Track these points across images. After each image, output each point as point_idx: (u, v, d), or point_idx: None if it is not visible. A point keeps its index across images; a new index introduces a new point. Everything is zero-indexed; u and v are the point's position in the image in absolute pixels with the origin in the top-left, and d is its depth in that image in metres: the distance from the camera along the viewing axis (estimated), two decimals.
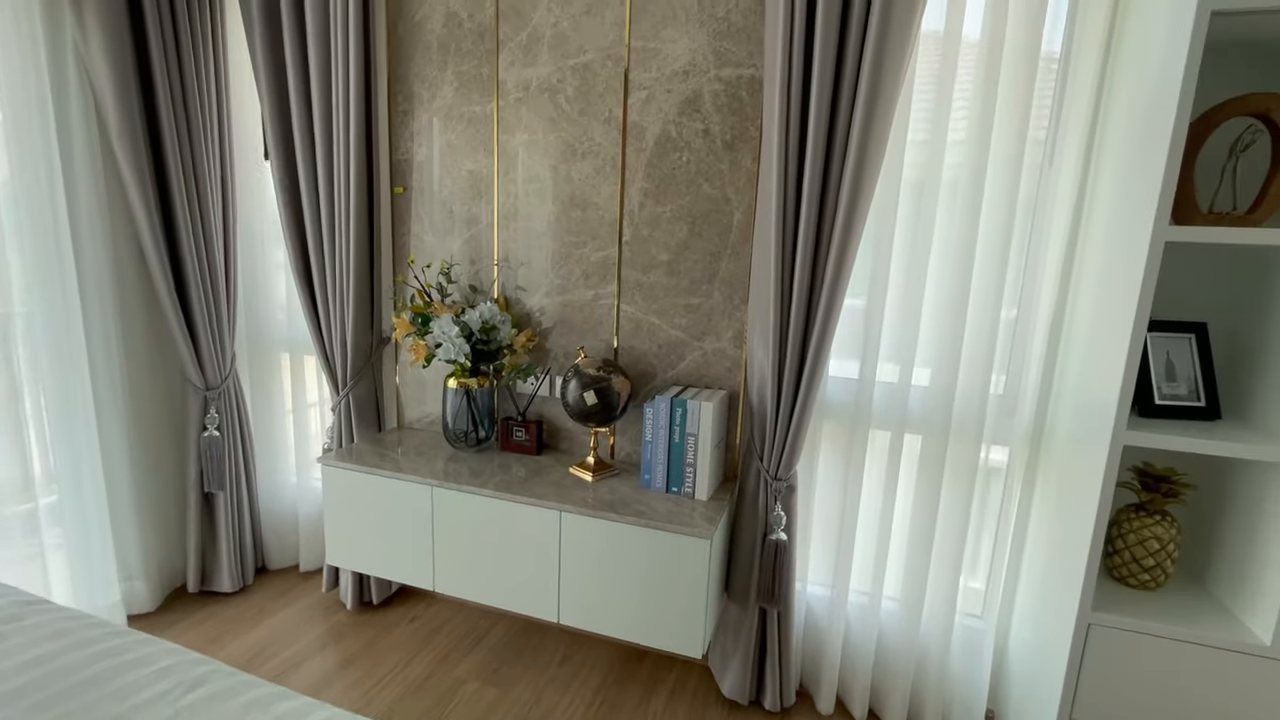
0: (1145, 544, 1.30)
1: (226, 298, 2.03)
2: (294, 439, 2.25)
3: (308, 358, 2.21)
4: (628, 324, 1.77)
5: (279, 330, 2.20)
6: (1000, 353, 1.51)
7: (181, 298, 1.94)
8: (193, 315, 1.95)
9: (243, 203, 2.09)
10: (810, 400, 1.50)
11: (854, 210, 1.37)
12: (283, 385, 2.24)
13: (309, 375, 2.23)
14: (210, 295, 1.97)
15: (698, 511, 1.53)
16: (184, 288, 1.94)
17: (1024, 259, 1.49)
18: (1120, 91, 1.31)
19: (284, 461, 2.27)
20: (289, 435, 2.26)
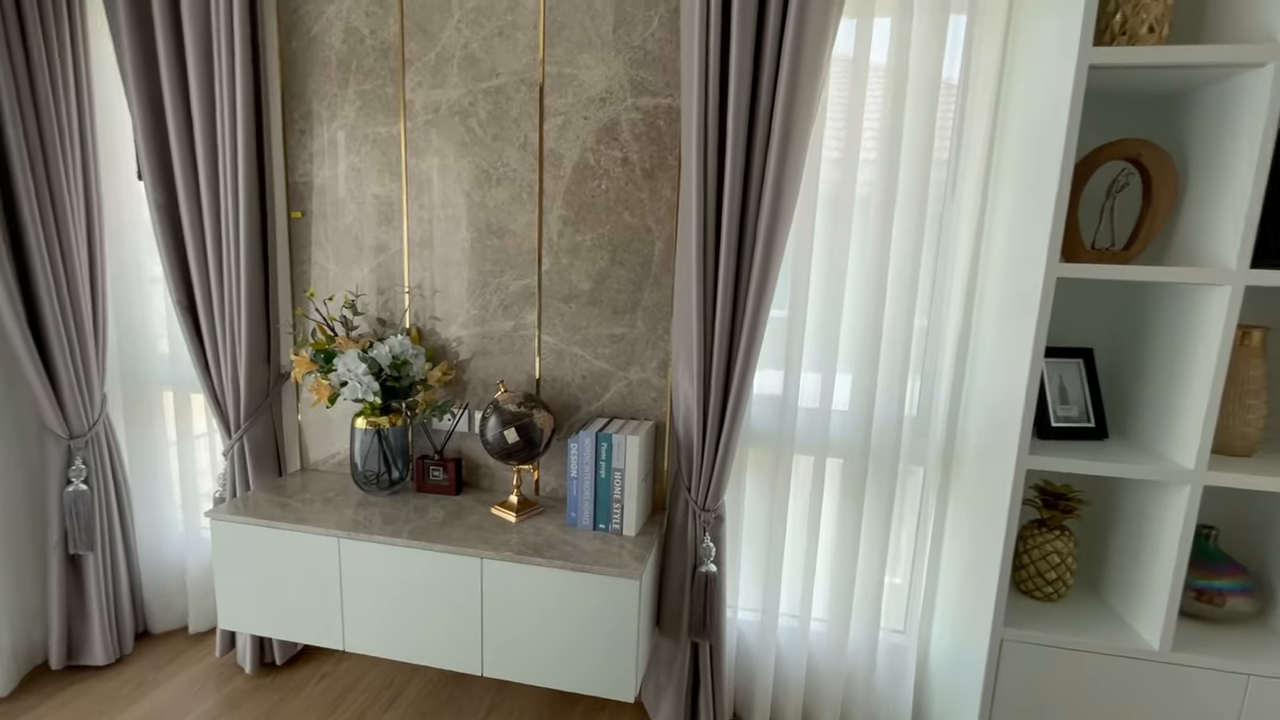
0: (1048, 558, 1.37)
1: (94, 334, 1.80)
2: (180, 487, 2.03)
3: (195, 396, 2.00)
4: (550, 355, 1.72)
5: (160, 367, 1.98)
6: (914, 367, 1.57)
7: (37, 336, 1.71)
8: (51, 355, 1.72)
9: (114, 227, 1.87)
10: (735, 430, 1.50)
11: (772, 240, 1.39)
12: (165, 428, 2.02)
13: (196, 415, 2.02)
14: (72, 332, 1.74)
15: (626, 549, 1.49)
16: (39, 324, 1.70)
17: (933, 272, 1.54)
18: (1012, 121, 1.39)
19: (168, 513, 2.04)
20: (174, 483, 2.03)
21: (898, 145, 1.47)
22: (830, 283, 1.57)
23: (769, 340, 1.59)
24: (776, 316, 1.58)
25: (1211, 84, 1.20)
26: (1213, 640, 1.26)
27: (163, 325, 1.97)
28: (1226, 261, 1.12)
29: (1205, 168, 1.20)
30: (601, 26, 1.55)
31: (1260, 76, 1.07)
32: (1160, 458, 1.25)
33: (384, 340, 1.67)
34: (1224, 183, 1.14)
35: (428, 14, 1.63)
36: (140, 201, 1.89)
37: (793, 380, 1.61)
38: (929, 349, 1.58)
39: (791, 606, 1.74)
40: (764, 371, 1.64)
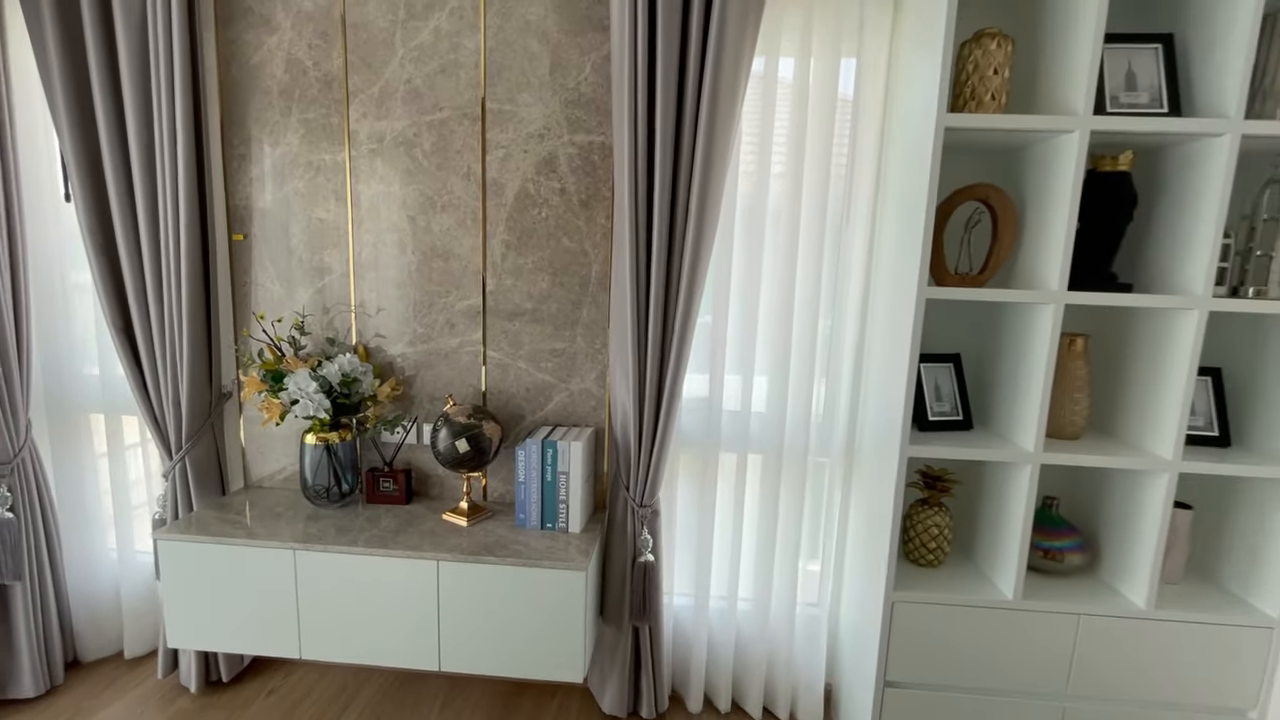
0: (929, 531, 1.64)
1: (18, 358, 1.77)
2: (113, 511, 1.99)
3: (127, 418, 1.98)
4: (495, 369, 1.84)
5: (89, 390, 1.95)
6: (819, 371, 1.81)
7: None
8: None
9: (38, 249, 1.84)
10: (668, 433, 1.68)
11: (696, 263, 1.58)
12: (94, 452, 1.98)
13: (129, 437, 2.00)
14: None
15: (572, 545, 1.64)
16: None
17: (834, 286, 1.78)
18: (894, 152, 1.65)
19: (100, 538, 2.00)
20: (105, 507, 2.00)
21: (801, 159, 1.69)
22: (747, 292, 1.78)
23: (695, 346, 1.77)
24: (702, 322, 1.76)
25: (1038, 143, 1.49)
26: (1054, 589, 1.56)
27: (92, 347, 1.94)
28: (1051, 284, 1.41)
29: (1038, 208, 1.49)
30: (539, 69, 1.70)
31: (1070, 140, 1.37)
32: (1010, 443, 1.53)
33: (333, 359, 1.74)
34: (1050, 222, 1.43)
35: (371, 49, 1.72)
36: (66, 222, 1.87)
37: (717, 384, 1.81)
38: (832, 355, 1.83)
39: (721, 589, 1.94)
40: (692, 375, 1.83)
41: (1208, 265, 1.36)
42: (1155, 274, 1.51)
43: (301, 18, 1.72)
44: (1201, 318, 1.37)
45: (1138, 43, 1.44)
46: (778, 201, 1.74)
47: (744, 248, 1.78)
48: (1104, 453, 1.47)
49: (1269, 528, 1.49)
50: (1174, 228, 1.46)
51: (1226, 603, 1.53)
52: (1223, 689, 1.50)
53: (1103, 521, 1.64)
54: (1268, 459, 1.47)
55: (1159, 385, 1.47)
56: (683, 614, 1.96)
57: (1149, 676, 1.51)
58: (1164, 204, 1.49)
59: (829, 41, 1.65)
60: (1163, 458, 1.44)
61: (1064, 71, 1.42)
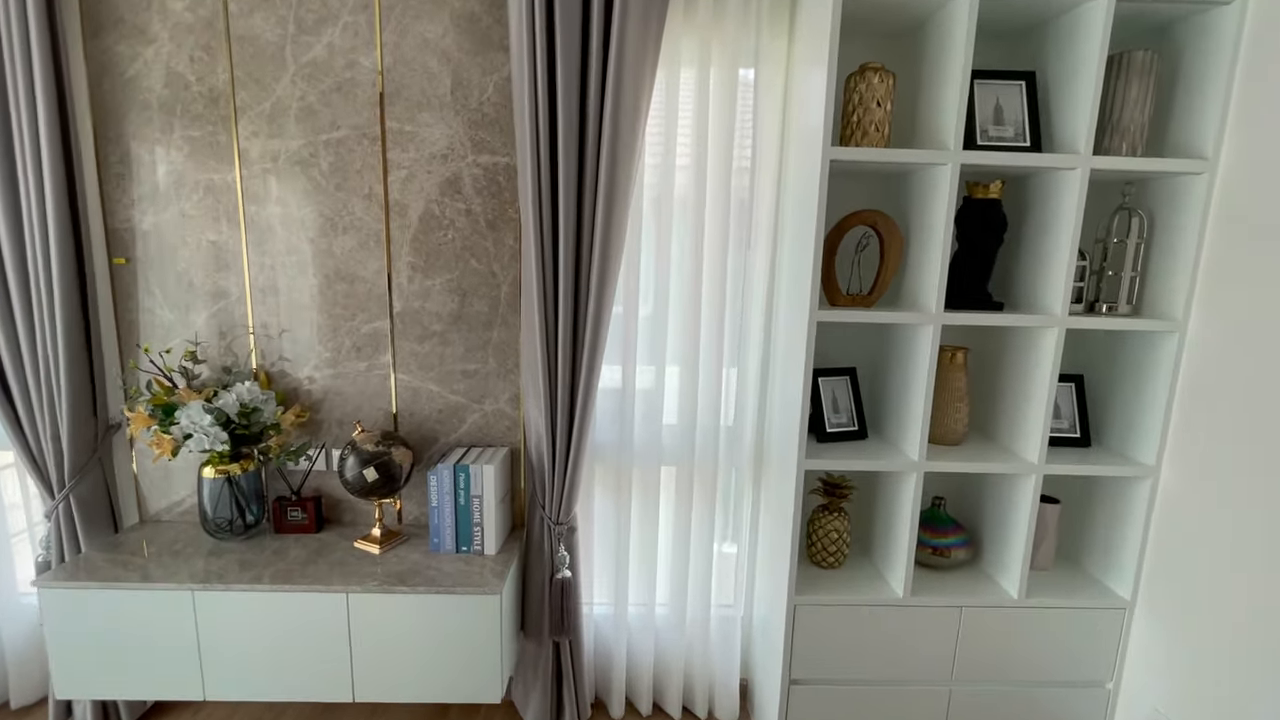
0: (829, 535, 1.74)
1: None
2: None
3: (1, 453, 1.84)
4: (406, 392, 1.82)
5: None
6: (727, 382, 1.87)
7: None
8: None
9: None
10: (582, 452, 1.71)
11: (603, 286, 1.60)
12: None
13: (5, 475, 1.86)
14: None
15: (488, 568, 1.65)
16: None
17: (739, 300, 1.84)
18: (790, 169, 1.72)
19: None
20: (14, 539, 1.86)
21: (704, 149, 1.71)
22: (658, 284, 1.81)
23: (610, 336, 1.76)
24: (615, 313, 1.74)
25: (916, 171, 1.59)
26: (940, 584, 1.69)
27: None
28: (930, 305, 1.51)
29: (919, 232, 1.59)
30: (439, 89, 1.67)
31: (944, 172, 1.46)
32: (899, 451, 1.64)
33: (230, 388, 1.68)
34: (929, 245, 1.54)
35: (259, 65, 1.65)
36: None
37: (629, 378, 1.84)
38: (741, 371, 1.90)
39: (639, 596, 1.99)
40: (605, 367, 1.85)
41: (1064, 285, 1.49)
42: (1022, 293, 1.64)
43: (181, 29, 1.63)
44: (1060, 334, 1.51)
45: (1004, 79, 1.55)
46: (683, 188, 1.76)
47: (651, 233, 1.78)
48: (981, 458, 1.60)
49: (1123, 518, 1.66)
50: (1037, 250, 1.59)
51: (1088, 586, 1.70)
52: (1084, 664, 1.67)
53: (984, 518, 1.78)
54: (1120, 458, 1.63)
55: (1027, 394, 1.61)
56: (603, 623, 2.01)
57: (1022, 658, 1.67)
58: (1029, 228, 1.62)
59: (728, 58, 1.68)
60: (1029, 461, 1.58)
61: (938, 106, 1.51)
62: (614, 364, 1.82)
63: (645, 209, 1.77)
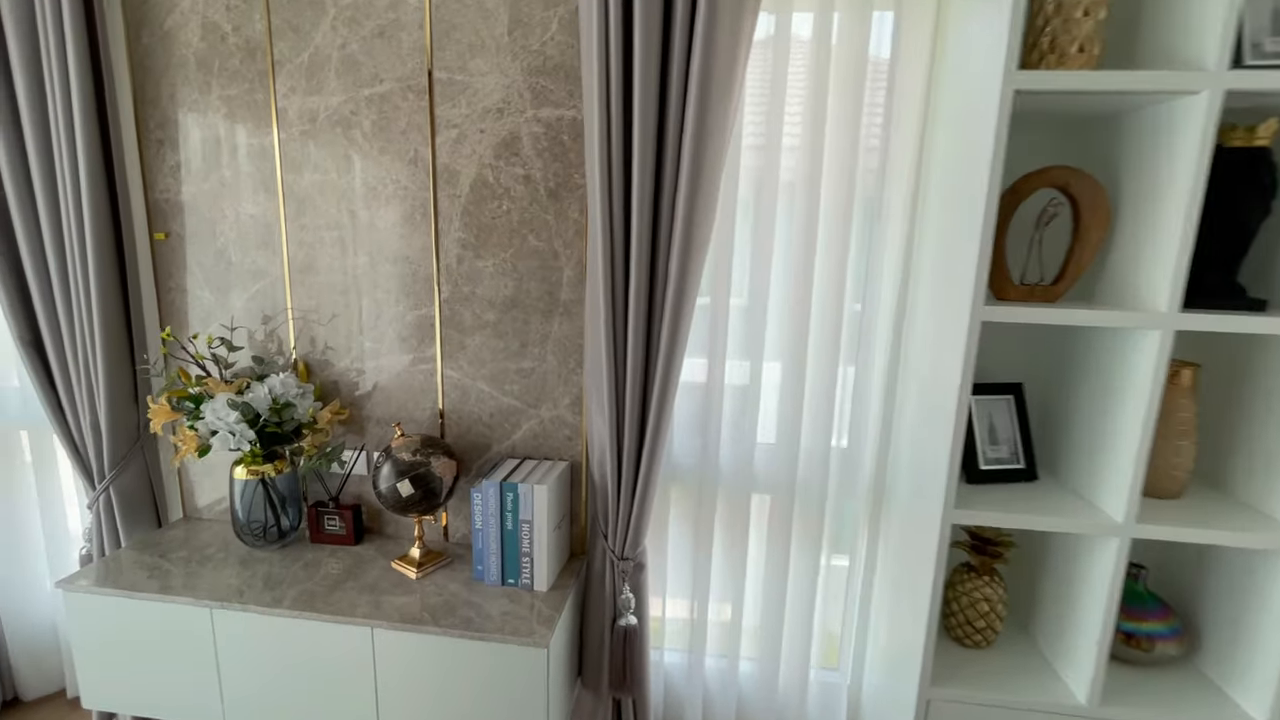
0: (976, 605, 1.31)
1: None
2: (44, 538, 1.81)
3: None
4: (454, 391, 1.56)
5: (11, 405, 1.75)
6: (843, 390, 1.47)
7: None
8: None
9: None
10: (653, 474, 1.38)
11: (687, 263, 1.26)
12: (24, 472, 1.79)
13: (62, 457, 1.80)
14: None
15: (536, 609, 1.37)
16: None
17: (863, 270, 1.44)
18: (941, 124, 1.29)
19: (32, 566, 1.82)
20: (35, 534, 1.81)
21: (822, 130, 1.35)
22: (755, 272, 1.45)
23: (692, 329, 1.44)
24: (700, 303, 1.43)
25: (1143, 108, 1.11)
26: (1141, 688, 1.22)
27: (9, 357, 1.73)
28: (1157, 303, 1.05)
29: (1138, 198, 1.12)
30: (495, 28, 1.38)
31: (1195, 104, 0.99)
32: (1090, 504, 1.18)
33: (264, 380, 1.49)
34: (1158, 216, 1.06)
35: (297, 9, 1.43)
36: None
37: (714, 400, 1.49)
38: (859, 378, 1.49)
39: (720, 646, 1.65)
40: (691, 360, 1.51)
41: None
42: None
43: None
44: None
45: None
46: (791, 171, 1.39)
47: (749, 221, 1.44)
48: (1216, 522, 1.11)
49: None
50: None
51: None
52: None
53: (1205, 600, 1.28)
54: None
55: None
56: (675, 672, 1.69)
57: None
58: None
59: None
60: None
61: (1184, 10, 1.03)
62: (698, 356, 1.47)
63: (741, 193, 1.41)
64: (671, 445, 1.55)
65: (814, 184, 1.38)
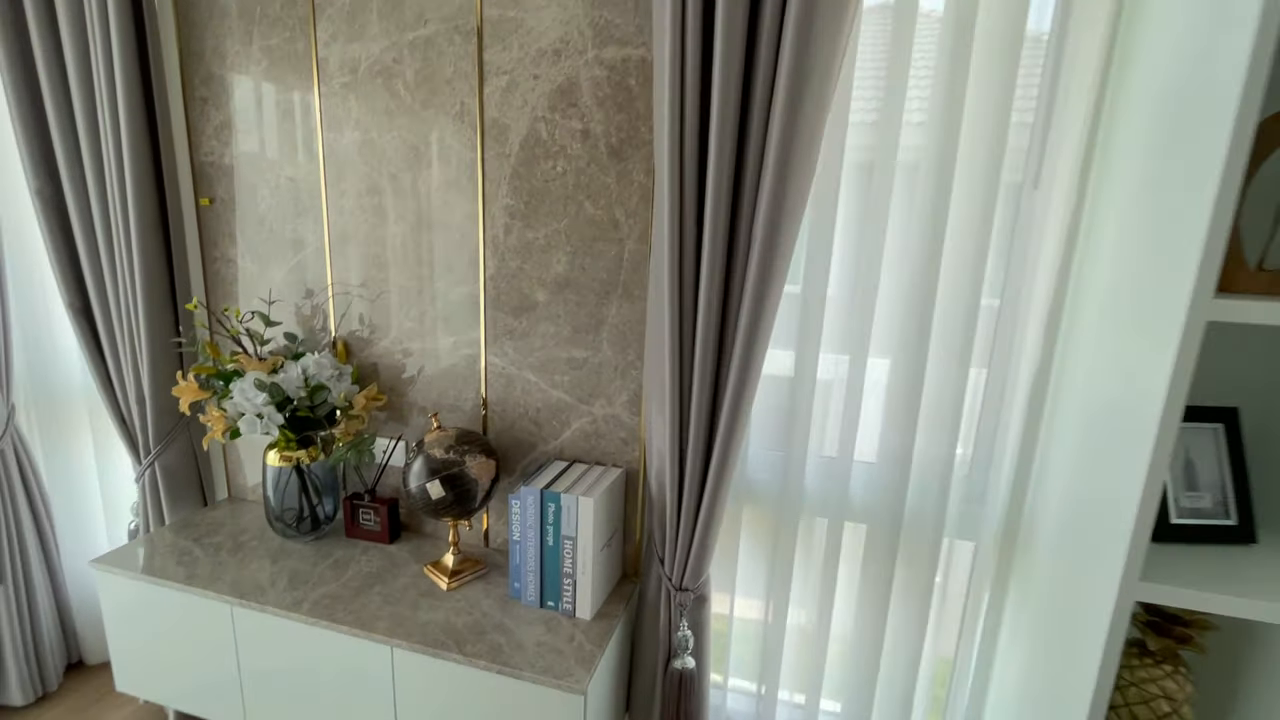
0: (1152, 703, 0.97)
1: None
2: (104, 506, 1.81)
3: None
4: (498, 380, 1.38)
5: (74, 371, 1.74)
6: (973, 398, 1.16)
7: None
8: None
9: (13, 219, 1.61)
10: (721, 491, 1.14)
11: (775, 241, 1.00)
12: (86, 440, 1.79)
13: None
14: None
15: (576, 642, 1.16)
16: None
17: (1004, 260, 1.12)
18: (1134, 80, 0.95)
19: (97, 534, 1.83)
20: (96, 502, 1.81)
21: (959, 106, 1.05)
22: (860, 262, 1.16)
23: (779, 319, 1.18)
24: (790, 292, 1.17)
25: None
26: None
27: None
28: None
29: None
30: None
31: None
32: None
33: (298, 359, 1.37)
34: None
35: None
36: None
37: (801, 404, 1.22)
38: (991, 383, 1.17)
39: (795, 693, 1.39)
40: (776, 351, 1.25)
41: None
42: None
43: None
44: None
45: None
46: (914, 151, 1.10)
47: (856, 205, 1.16)
48: None
49: None
50: None
51: None
52: None
53: None
54: None
55: None
56: (739, 715, 1.44)
57: None
58: None
59: None
60: None
61: None
62: (782, 348, 1.21)
63: (846, 173, 1.13)
64: (746, 458, 1.29)
65: (945, 164, 1.08)
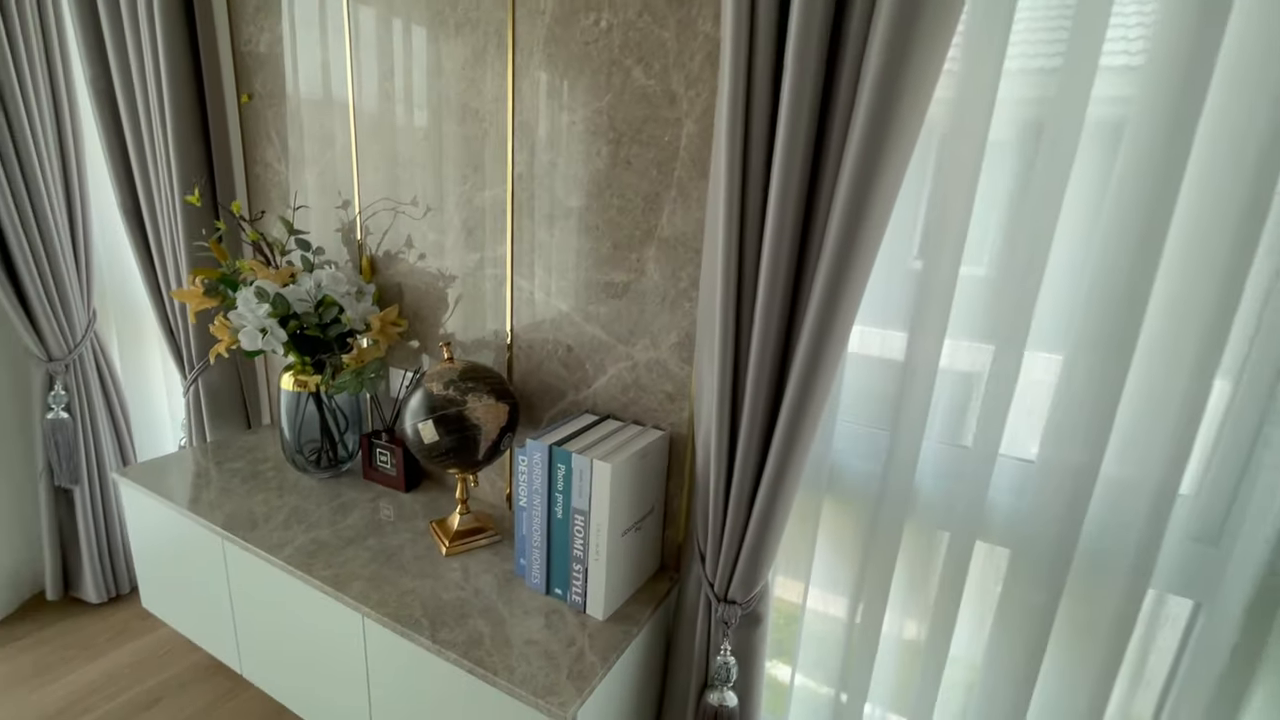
0: None
1: (74, 244, 1.57)
2: (171, 417, 1.82)
3: None
4: (524, 309, 1.12)
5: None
6: (1219, 412, 0.72)
7: (2, 245, 1.49)
8: (15, 267, 1.50)
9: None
10: (785, 482, 0.80)
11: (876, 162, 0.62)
12: (154, 354, 1.79)
13: None
14: (36, 240, 1.50)
15: (576, 648, 0.89)
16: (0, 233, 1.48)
17: None
18: None
19: (170, 444, 1.85)
20: (164, 417, 1.82)
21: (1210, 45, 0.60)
22: (1017, 240, 0.75)
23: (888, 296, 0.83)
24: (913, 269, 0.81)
25: None
26: None
27: None
28: None
29: None
30: None
31: None
32: None
33: (313, 270, 1.20)
34: None
35: None
36: None
37: (917, 384, 0.84)
38: (1246, 390, 0.71)
39: (895, 711, 1.03)
40: (882, 331, 0.88)
41: None
42: None
43: None
44: None
45: None
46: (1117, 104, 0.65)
47: (1014, 169, 0.74)
48: None
49: None
50: None
51: None
52: None
53: None
54: None
55: None
56: None
57: None
58: None
59: None
60: None
61: None
62: (893, 329, 0.83)
63: (997, 131, 0.70)
64: (831, 434, 0.93)
65: (1178, 122, 0.63)
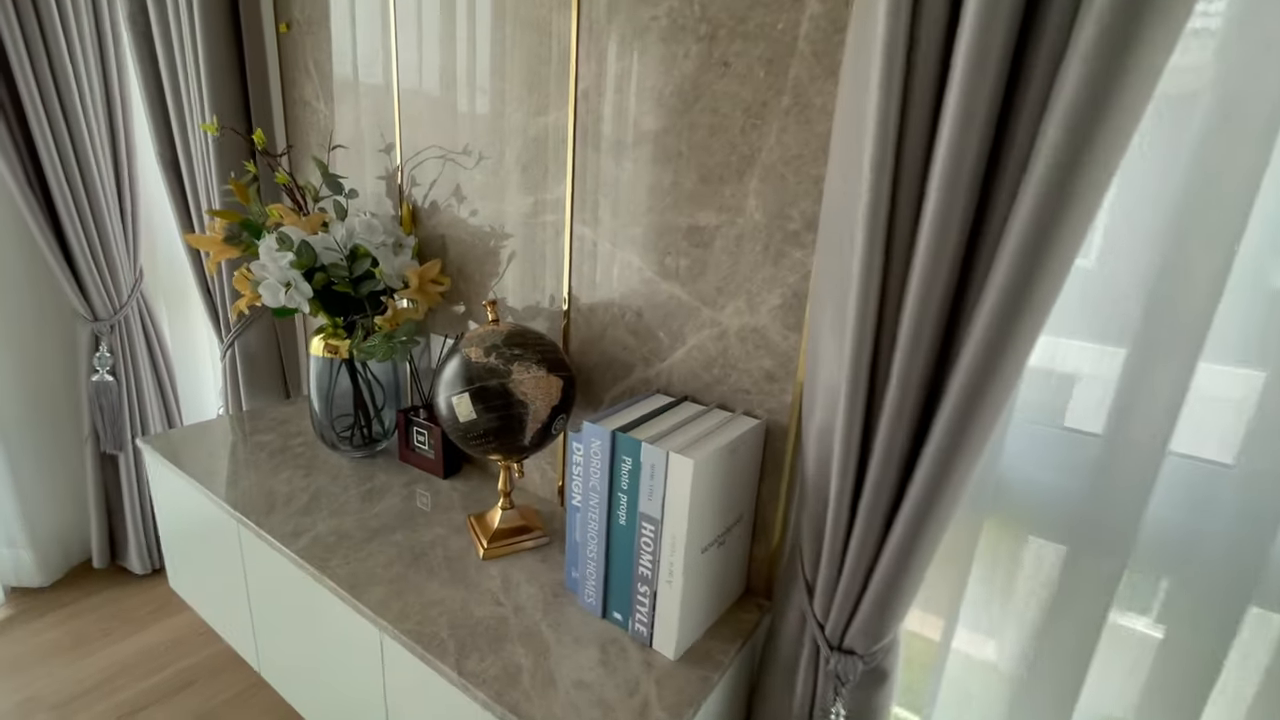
0: None
1: (120, 197, 1.49)
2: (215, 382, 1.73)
3: None
4: (586, 262, 0.91)
5: None
6: None
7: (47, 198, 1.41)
8: (60, 222, 1.42)
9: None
10: (939, 508, 0.56)
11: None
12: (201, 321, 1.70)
13: None
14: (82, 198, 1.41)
15: (640, 698, 0.68)
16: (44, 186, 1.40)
17: None
18: None
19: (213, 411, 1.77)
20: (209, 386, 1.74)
21: None
22: None
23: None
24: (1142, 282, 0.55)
25: None
26: None
27: None
28: None
29: None
30: None
31: None
32: None
33: (344, 219, 1.03)
34: None
35: None
36: None
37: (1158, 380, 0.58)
38: None
39: None
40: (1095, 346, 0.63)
41: None
42: None
43: None
44: None
45: None
46: None
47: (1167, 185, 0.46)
48: None
49: None
50: None
51: None
52: None
53: None
54: None
55: None
56: None
57: None
58: None
59: None
60: None
61: None
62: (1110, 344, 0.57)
63: None
64: (1004, 438, 0.68)
65: None
